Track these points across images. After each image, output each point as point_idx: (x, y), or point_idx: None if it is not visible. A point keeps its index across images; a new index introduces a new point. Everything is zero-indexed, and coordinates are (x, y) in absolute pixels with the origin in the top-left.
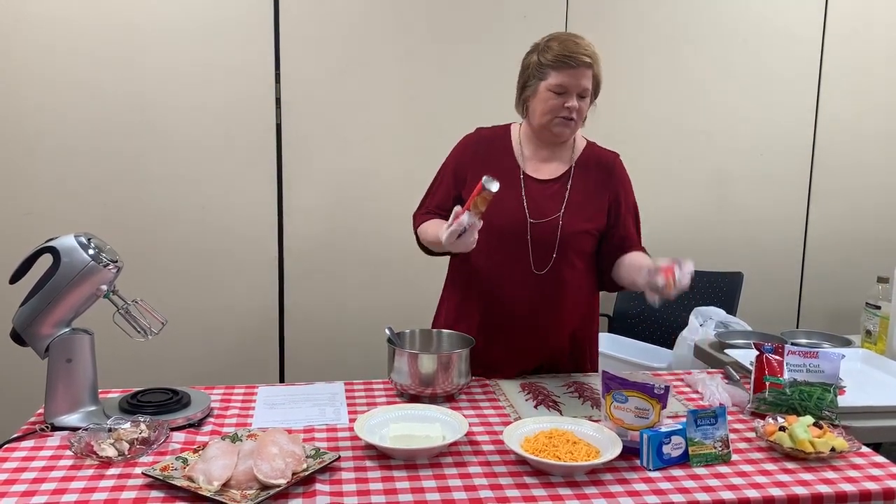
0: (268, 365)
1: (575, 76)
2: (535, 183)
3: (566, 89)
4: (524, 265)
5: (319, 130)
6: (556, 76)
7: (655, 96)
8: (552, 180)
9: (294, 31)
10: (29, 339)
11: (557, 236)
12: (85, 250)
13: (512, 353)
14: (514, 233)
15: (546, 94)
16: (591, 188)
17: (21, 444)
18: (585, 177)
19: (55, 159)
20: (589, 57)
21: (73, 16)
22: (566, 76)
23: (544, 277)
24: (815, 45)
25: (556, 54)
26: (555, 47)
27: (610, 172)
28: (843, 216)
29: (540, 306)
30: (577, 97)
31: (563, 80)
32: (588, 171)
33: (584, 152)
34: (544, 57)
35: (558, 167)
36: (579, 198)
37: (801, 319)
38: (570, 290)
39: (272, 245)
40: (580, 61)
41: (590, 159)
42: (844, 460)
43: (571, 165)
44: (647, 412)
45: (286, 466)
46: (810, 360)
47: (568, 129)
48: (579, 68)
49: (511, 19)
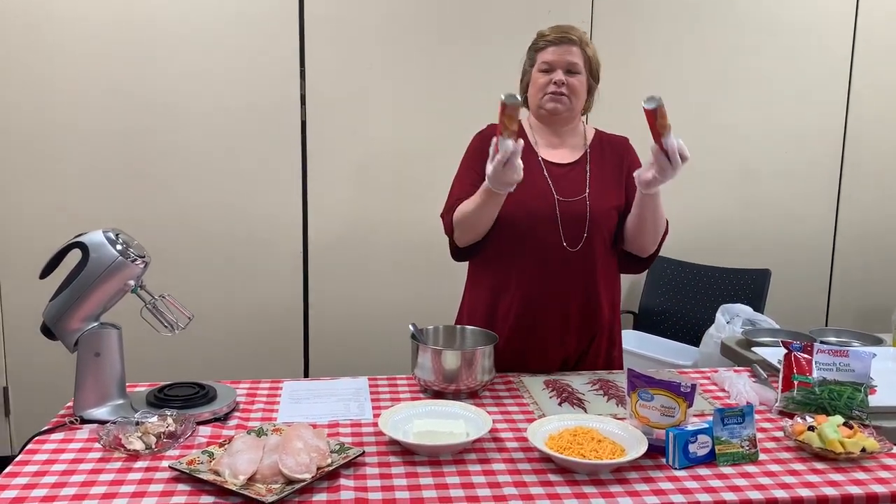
0: (292, 360)
1: (559, 53)
2: (554, 166)
3: (552, 66)
4: (556, 243)
5: (344, 127)
6: (542, 55)
7: (683, 89)
8: (571, 164)
9: (318, 28)
10: (58, 334)
11: (587, 214)
12: (113, 245)
13: (546, 344)
14: (544, 212)
15: (537, 75)
16: (608, 169)
17: (51, 437)
18: (601, 159)
19: (85, 157)
20: (570, 34)
21: (102, 15)
22: (551, 53)
23: (577, 254)
24: (846, 37)
25: (541, 37)
26: (542, 33)
27: (623, 154)
28: (874, 212)
29: (574, 287)
30: (566, 73)
31: (548, 58)
32: (602, 154)
33: (594, 138)
34: (535, 45)
35: (572, 152)
36: (600, 178)
37: (831, 317)
38: (601, 267)
39: (297, 241)
40: (563, 39)
41: (602, 142)
42: (875, 461)
43: (586, 150)
44: (673, 410)
45: (311, 461)
46: (840, 358)
47: (560, 104)
48: (562, 45)
49: (537, 15)
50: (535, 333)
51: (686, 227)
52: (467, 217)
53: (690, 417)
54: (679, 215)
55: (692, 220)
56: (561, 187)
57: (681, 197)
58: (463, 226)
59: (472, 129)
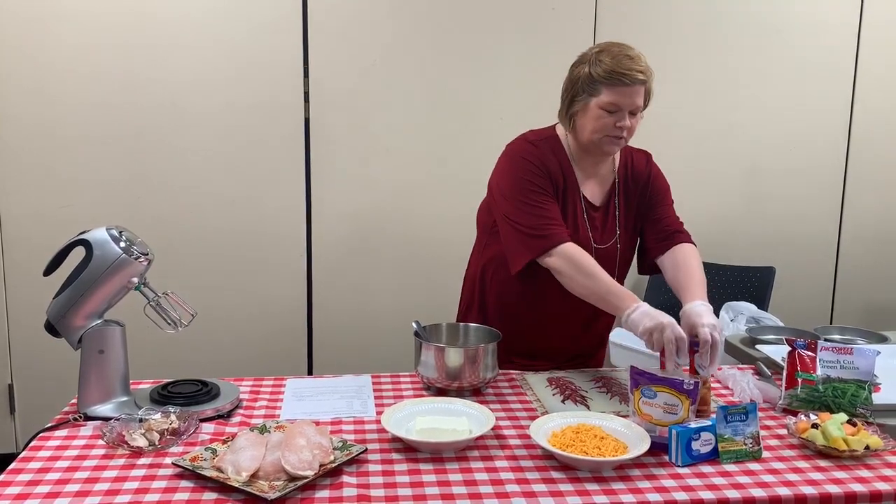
0: (296, 357)
1: (629, 94)
2: (591, 209)
3: (619, 107)
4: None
5: (347, 127)
6: (608, 94)
7: (686, 88)
8: (602, 206)
9: (322, 28)
10: (62, 331)
11: (617, 256)
12: (116, 243)
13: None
14: None
15: (597, 111)
16: (632, 207)
17: (55, 434)
18: (628, 196)
19: (90, 155)
20: (643, 73)
21: (106, 14)
22: (619, 94)
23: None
24: (851, 37)
25: (609, 70)
26: (607, 62)
27: (646, 185)
28: (878, 210)
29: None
30: (629, 115)
31: (616, 99)
32: (629, 190)
33: (620, 163)
34: (596, 72)
35: (603, 183)
36: (627, 219)
37: (835, 315)
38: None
39: (301, 239)
40: (635, 79)
41: (626, 166)
42: (879, 459)
43: (615, 180)
44: (676, 408)
45: (313, 458)
46: (844, 356)
47: (617, 146)
48: (634, 86)
49: (540, 12)
50: (543, 328)
51: (691, 225)
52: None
53: (693, 415)
54: (684, 214)
55: (697, 218)
56: (597, 232)
57: (686, 195)
58: (569, 279)
59: (477, 126)
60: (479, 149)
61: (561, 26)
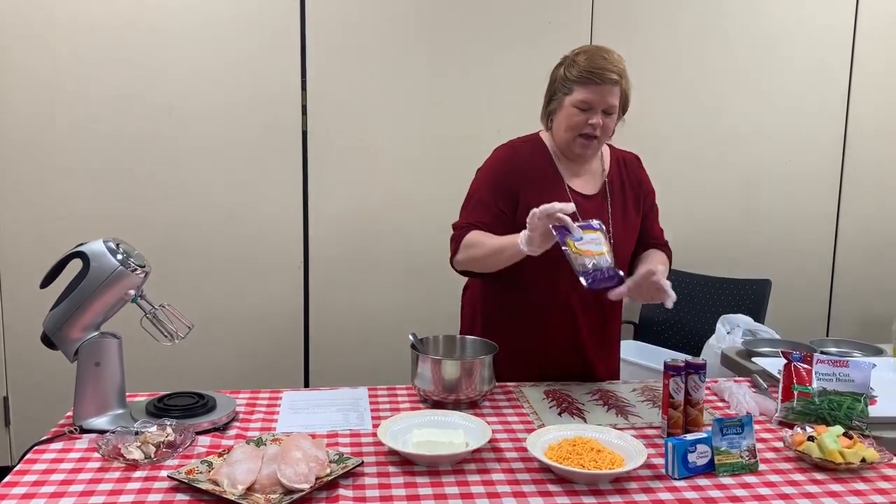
0: (292, 370)
1: (600, 93)
2: (580, 197)
3: (591, 105)
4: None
5: (345, 136)
6: (580, 91)
7: (682, 100)
8: (594, 195)
9: (320, 37)
10: (59, 343)
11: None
12: (113, 255)
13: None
14: None
15: (570, 109)
16: (628, 203)
17: (50, 447)
18: (620, 192)
19: (86, 165)
20: (616, 73)
21: (104, 23)
22: (591, 92)
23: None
24: (845, 47)
25: (582, 69)
26: (581, 62)
27: (638, 184)
28: (874, 222)
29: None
30: (602, 114)
31: (588, 97)
32: (621, 186)
33: (611, 161)
34: (570, 72)
35: (593, 178)
36: (620, 213)
37: (831, 328)
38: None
39: (298, 251)
40: (606, 78)
41: (618, 165)
42: (875, 471)
43: (605, 180)
44: (600, 241)
45: (310, 471)
46: (840, 368)
47: (590, 148)
48: (605, 85)
49: (536, 24)
50: (539, 336)
51: (686, 238)
52: (480, 259)
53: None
54: (679, 225)
55: (692, 230)
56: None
57: (681, 207)
58: (472, 262)
59: (475, 136)
60: (476, 160)
61: (557, 38)
